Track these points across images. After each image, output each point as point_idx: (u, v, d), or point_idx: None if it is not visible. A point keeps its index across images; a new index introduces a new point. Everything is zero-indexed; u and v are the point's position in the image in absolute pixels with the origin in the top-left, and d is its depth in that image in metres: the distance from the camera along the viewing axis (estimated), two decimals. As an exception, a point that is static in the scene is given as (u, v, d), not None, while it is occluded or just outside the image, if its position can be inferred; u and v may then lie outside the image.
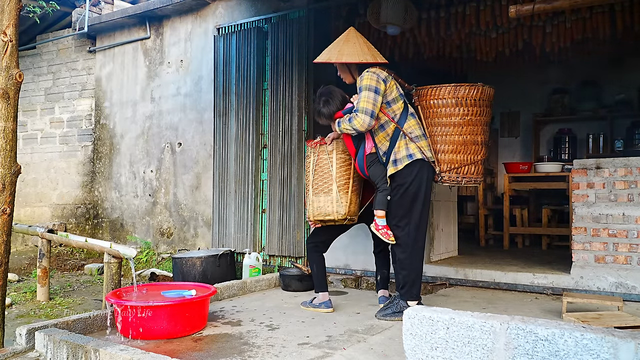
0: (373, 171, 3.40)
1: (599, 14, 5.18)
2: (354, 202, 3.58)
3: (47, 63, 7.84)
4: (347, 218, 3.54)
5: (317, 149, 3.62)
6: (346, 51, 3.33)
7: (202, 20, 6.33)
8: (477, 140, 3.38)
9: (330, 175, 3.55)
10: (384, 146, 3.34)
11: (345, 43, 3.38)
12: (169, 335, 3.14)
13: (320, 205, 3.55)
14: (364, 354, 2.68)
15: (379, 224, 3.34)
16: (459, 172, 3.35)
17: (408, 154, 3.27)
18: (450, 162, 3.34)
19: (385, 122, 3.30)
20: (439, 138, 3.36)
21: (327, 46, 3.53)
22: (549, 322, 1.71)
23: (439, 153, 3.36)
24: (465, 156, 3.35)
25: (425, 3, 5.55)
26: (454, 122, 3.32)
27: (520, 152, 8.15)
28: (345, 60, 3.32)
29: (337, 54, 3.36)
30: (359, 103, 3.22)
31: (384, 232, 3.32)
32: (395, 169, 3.28)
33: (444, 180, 3.39)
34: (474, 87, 3.35)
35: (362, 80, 3.25)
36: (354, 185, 3.58)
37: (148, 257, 6.43)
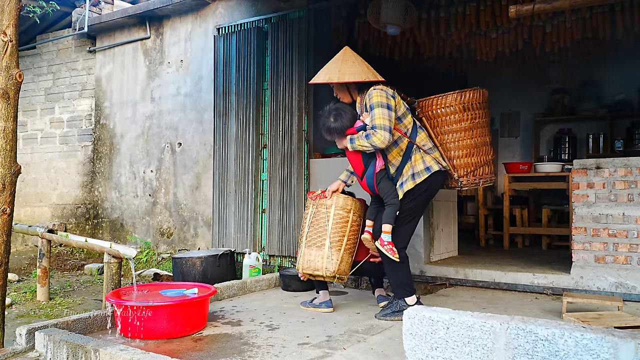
0: (383, 186, 3.33)
1: (599, 14, 5.18)
2: (345, 261, 3.51)
3: (47, 63, 7.84)
4: (336, 276, 3.46)
5: (317, 201, 3.56)
6: (347, 71, 3.31)
7: (202, 20, 6.33)
8: (487, 140, 3.50)
9: (325, 229, 3.48)
10: (397, 161, 3.32)
11: (343, 62, 3.36)
12: (169, 335, 3.14)
13: (311, 259, 3.48)
14: (364, 354, 2.68)
15: (384, 239, 3.28)
16: (476, 174, 3.43)
17: (426, 167, 3.30)
18: (466, 166, 3.42)
19: (398, 138, 3.29)
20: (452, 145, 3.41)
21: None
22: (549, 322, 1.71)
23: (454, 159, 3.42)
24: (479, 158, 3.44)
25: (425, 3, 5.56)
26: (464, 127, 3.39)
27: (520, 152, 8.15)
28: (348, 79, 3.30)
29: (338, 73, 3.32)
30: (375, 120, 3.18)
31: (389, 248, 3.26)
32: (414, 182, 3.28)
33: (463, 184, 3.45)
34: (477, 91, 3.44)
35: (372, 98, 3.24)
36: (347, 243, 3.50)
37: (148, 257, 6.43)
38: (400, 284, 3.34)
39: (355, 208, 3.56)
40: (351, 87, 3.40)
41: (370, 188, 3.39)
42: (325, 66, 3.44)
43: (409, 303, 3.30)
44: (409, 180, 3.28)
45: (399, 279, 3.34)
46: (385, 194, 3.31)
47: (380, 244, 3.27)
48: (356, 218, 3.56)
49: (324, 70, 3.42)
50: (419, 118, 3.46)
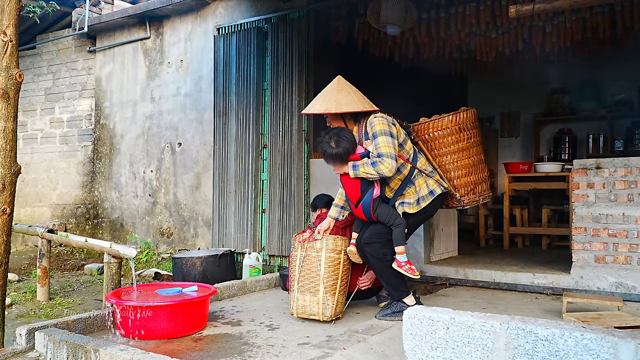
0: (380, 212, 3.29)
1: (599, 14, 5.18)
2: (341, 302, 3.47)
3: (47, 63, 7.84)
4: (333, 320, 3.41)
5: (305, 245, 3.42)
6: (343, 100, 3.28)
7: (202, 20, 6.34)
8: (482, 158, 3.58)
9: (317, 275, 3.36)
10: (396, 186, 3.33)
11: (339, 92, 3.32)
12: (169, 335, 3.14)
13: (306, 304, 3.41)
14: (364, 354, 2.68)
15: (400, 260, 3.27)
16: (476, 192, 3.50)
17: (430, 191, 3.34)
18: (466, 185, 3.48)
19: (401, 165, 3.29)
20: (451, 165, 3.45)
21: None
22: (549, 322, 1.71)
23: (454, 179, 3.46)
24: (477, 176, 3.51)
25: (425, 3, 5.55)
26: (462, 147, 3.44)
27: (520, 152, 8.15)
28: (345, 109, 3.26)
29: (335, 104, 3.28)
30: (380, 148, 3.15)
31: (408, 267, 3.26)
32: (419, 207, 3.32)
33: (465, 204, 3.50)
34: (469, 111, 3.49)
35: (374, 126, 3.23)
36: (341, 285, 3.43)
37: (148, 257, 6.43)
38: (393, 285, 3.36)
39: (345, 247, 3.45)
40: (346, 116, 3.39)
41: (366, 215, 3.33)
42: (319, 96, 3.41)
43: (408, 303, 3.30)
44: (413, 204, 3.32)
45: (390, 281, 3.36)
46: (385, 218, 3.29)
47: (397, 266, 3.27)
48: (347, 257, 3.46)
49: (318, 100, 3.38)
50: (415, 142, 3.48)
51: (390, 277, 3.33)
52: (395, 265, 3.27)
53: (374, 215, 3.30)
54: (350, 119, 3.39)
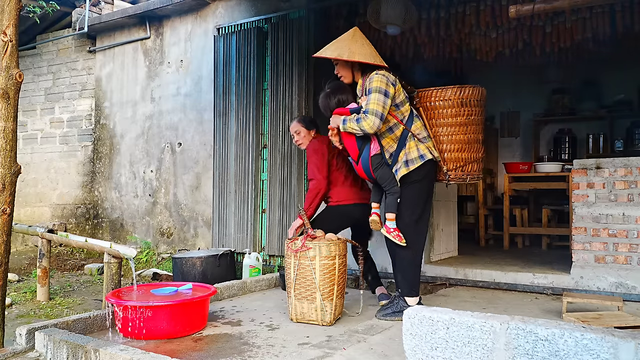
0: (381, 174, 3.32)
1: (599, 14, 5.18)
2: (339, 305, 3.45)
3: (47, 63, 7.84)
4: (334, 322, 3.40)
5: (298, 254, 3.35)
6: (357, 50, 3.29)
7: (202, 20, 6.33)
8: (479, 138, 3.53)
9: (313, 282, 3.32)
10: (392, 148, 3.32)
11: (353, 42, 3.33)
12: (169, 335, 3.14)
13: (304, 312, 3.39)
14: (364, 354, 2.68)
15: (389, 226, 3.31)
16: (464, 170, 3.46)
17: (420, 155, 3.30)
18: (456, 160, 3.44)
19: (394, 124, 3.29)
20: (445, 138, 3.43)
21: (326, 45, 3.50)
22: (549, 322, 1.71)
23: (445, 152, 3.43)
24: (470, 154, 3.47)
25: (425, 3, 5.55)
26: (460, 121, 3.42)
27: (520, 152, 8.15)
28: (357, 59, 3.27)
29: (348, 51, 3.29)
30: (369, 104, 3.18)
31: (396, 234, 3.28)
32: (407, 169, 3.28)
33: (450, 178, 3.46)
34: (476, 89, 3.47)
35: (372, 82, 3.22)
36: (338, 289, 3.39)
37: (148, 257, 6.43)
38: (409, 282, 3.34)
39: (339, 251, 3.41)
40: (355, 67, 3.39)
41: (366, 173, 3.36)
42: (332, 43, 3.41)
43: (409, 304, 3.29)
44: (402, 167, 3.29)
45: (409, 277, 3.35)
46: (384, 181, 3.32)
47: (386, 232, 3.29)
48: (342, 260, 3.43)
49: (331, 46, 3.38)
50: (416, 108, 3.47)
51: (411, 273, 3.34)
52: (384, 230, 3.30)
53: (373, 174, 3.32)
54: (359, 70, 3.39)
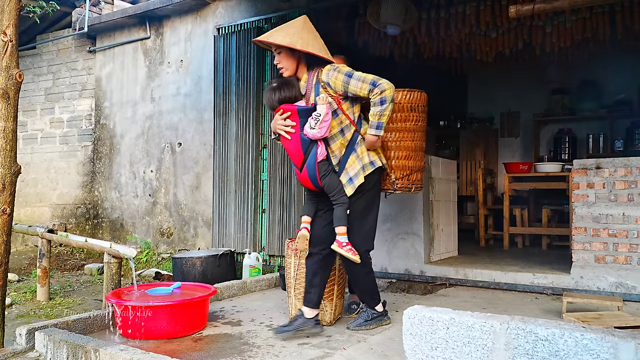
0: (329, 182, 3.00)
1: (599, 14, 5.18)
2: (340, 305, 3.44)
3: (47, 63, 7.84)
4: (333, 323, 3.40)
5: (298, 254, 3.34)
6: (310, 41, 2.98)
7: (202, 20, 6.33)
8: (423, 146, 3.37)
9: None
10: (340, 152, 3.03)
11: (304, 31, 3.00)
12: (169, 335, 3.14)
13: None
14: (364, 354, 2.68)
15: (341, 241, 3.00)
16: (410, 179, 3.26)
17: (370, 161, 3.05)
18: (403, 168, 3.23)
19: (346, 126, 3.02)
20: (393, 144, 3.20)
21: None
22: (549, 322, 1.71)
23: (393, 159, 3.20)
24: (415, 162, 3.27)
25: (425, 3, 5.55)
26: (408, 127, 3.23)
27: (520, 152, 8.15)
28: (311, 50, 2.96)
29: (301, 41, 2.95)
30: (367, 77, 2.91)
31: (349, 249, 2.99)
32: (364, 173, 3.03)
33: (398, 187, 3.24)
34: (423, 94, 3.29)
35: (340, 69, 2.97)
36: (338, 289, 3.38)
37: (148, 257, 6.43)
38: (369, 292, 3.18)
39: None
40: (303, 59, 3.05)
41: (312, 181, 3.01)
42: (279, 28, 3.05)
43: (378, 310, 3.18)
44: (359, 173, 3.01)
45: (366, 287, 3.17)
46: (332, 190, 3.00)
47: (338, 247, 2.99)
48: (341, 261, 3.38)
49: (281, 32, 3.00)
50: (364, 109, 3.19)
51: (368, 283, 3.16)
52: (336, 245, 2.99)
53: (320, 182, 2.99)
54: (305, 64, 3.07)
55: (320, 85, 3.01)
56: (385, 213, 4.77)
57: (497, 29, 5.85)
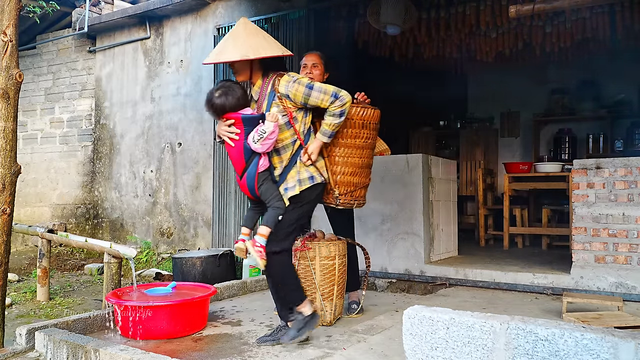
0: (265, 190, 2.91)
1: (599, 14, 5.19)
2: (340, 305, 3.44)
3: (47, 63, 7.84)
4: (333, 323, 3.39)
5: (298, 254, 3.33)
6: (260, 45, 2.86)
7: (202, 20, 6.33)
8: (370, 164, 3.31)
9: (312, 282, 3.31)
10: (284, 164, 2.95)
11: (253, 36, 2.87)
12: (169, 335, 3.14)
13: None
14: (364, 354, 2.68)
15: (257, 241, 2.88)
16: (354, 195, 3.18)
17: (310, 176, 2.95)
18: (348, 184, 3.14)
19: (292, 141, 2.92)
20: (341, 159, 3.11)
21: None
22: (549, 322, 1.71)
23: (338, 175, 3.11)
24: (361, 179, 3.21)
25: (425, 3, 5.56)
26: (358, 144, 3.14)
27: (520, 152, 8.15)
28: (264, 54, 2.83)
29: (252, 49, 2.82)
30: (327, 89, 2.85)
31: (259, 250, 2.86)
32: (300, 188, 2.92)
33: (340, 203, 3.14)
34: (376, 111, 3.23)
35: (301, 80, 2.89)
36: (338, 289, 3.37)
37: (148, 257, 6.43)
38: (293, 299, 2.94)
39: (339, 251, 3.38)
40: (256, 65, 2.94)
41: (250, 190, 2.94)
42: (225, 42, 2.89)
43: (306, 313, 2.90)
44: (296, 185, 2.92)
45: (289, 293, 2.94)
46: (268, 196, 2.92)
47: (252, 244, 2.87)
48: (341, 260, 3.41)
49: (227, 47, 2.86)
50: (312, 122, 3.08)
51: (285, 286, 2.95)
52: (249, 244, 2.88)
53: (257, 190, 2.91)
54: (259, 70, 2.96)
55: (276, 95, 2.91)
56: (385, 213, 4.78)
57: (497, 29, 5.86)
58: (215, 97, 2.88)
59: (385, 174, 4.78)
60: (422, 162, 4.66)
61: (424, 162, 4.71)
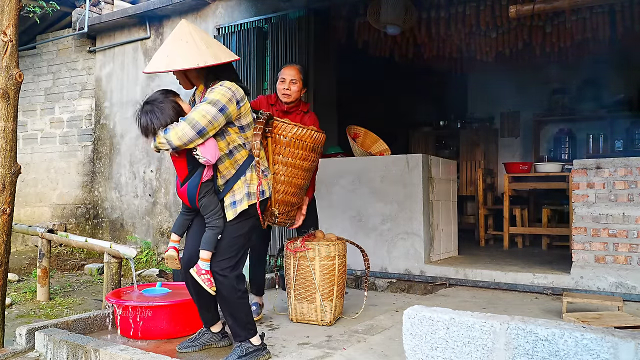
0: (207, 202, 2.69)
1: (599, 14, 5.19)
2: (339, 305, 3.46)
3: (47, 63, 7.84)
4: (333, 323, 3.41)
5: (297, 254, 3.34)
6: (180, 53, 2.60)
7: (202, 20, 6.33)
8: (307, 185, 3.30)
9: (312, 283, 3.33)
10: (229, 173, 2.71)
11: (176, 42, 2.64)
12: (169, 335, 3.14)
13: (304, 312, 3.40)
14: (364, 354, 2.68)
15: (202, 267, 2.64)
16: (289, 215, 3.15)
17: (261, 191, 2.74)
18: (286, 204, 3.09)
19: (234, 147, 2.68)
20: (285, 178, 3.04)
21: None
22: (549, 322, 1.71)
23: (280, 193, 3.02)
24: (298, 200, 3.19)
25: (425, 3, 5.56)
26: (305, 166, 3.08)
27: (520, 152, 8.15)
28: (179, 67, 2.61)
29: (167, 60, 2.60)
30: (192, 112, 2.55)
31: (207, 278, 2.63)
32: (249, 202, 2.70)
33: (277, 222, 3.05)
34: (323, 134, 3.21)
35: (212, 92, 2.59)
36: (338, 289, 3.39)
37: (148, 257, 6.43)
38: (243, 323, 2.70)
39: (339, 251, 3.40)
40: (191, 73, 2.73)
41: (190, 200, 2.72)
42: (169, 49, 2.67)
43: (254, 343, 2.71)
44: (244, 199, 2.69)
45: (240, 317, 2.70)
46: (208, 212, 2.70)
47: (196, 272, 2.63)
48: (341, 261, 3.43)
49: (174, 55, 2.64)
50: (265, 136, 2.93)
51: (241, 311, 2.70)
52: (194, 271, 2.64)
53: (198, 202, 2.70)
54: (197, 76, 2.74)
55: None
56: (385, 213, 4.78)
57: (497, 29, 5.86)
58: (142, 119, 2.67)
59: (385, 174, 4.78)
60: (422, 162, 4.66)
61: (424, 162, 4.71)
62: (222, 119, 2.57)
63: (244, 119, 2.69)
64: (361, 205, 4.90)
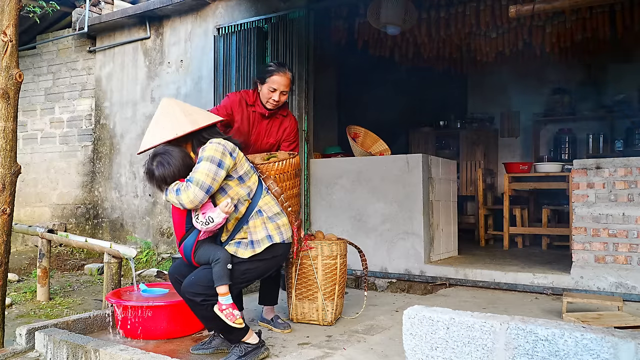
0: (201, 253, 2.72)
1: (599, 14, 5.19)
2: (340, 305, 3.46)
3: (47, 63, 7.84)
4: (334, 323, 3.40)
5: (300, 254, 3.32)
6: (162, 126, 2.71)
7: (202, 20, 6.33)
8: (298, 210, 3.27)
9: (314, 282, 3.33)
10: (230, 225, 2.78)
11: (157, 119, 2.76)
12: (169, 335, 3.14)
13: (305, 311, 3.40)
14: (364, 354, 2.68)
15: (222, 302, 2.61)
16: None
17: (267, 235, 2.75)
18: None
19: (238, 201, 2.73)
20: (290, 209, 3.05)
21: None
22: (549, 322, 1.71)
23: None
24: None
25: (425, 3, 5.56)
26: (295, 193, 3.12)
27: (520, 152, 8.15)
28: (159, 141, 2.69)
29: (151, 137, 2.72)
30: (195, 173, 2.60)
31: (229, 312, 2.60)
32: (253, 251, 2.72)
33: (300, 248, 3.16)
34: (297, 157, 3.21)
35: (205, 150, 2.64)
36: (339, 289, 3.40)
37: (148, 257, 6.43)
38: (228, 328, 2.66)
39: (340, 251, 3.40)
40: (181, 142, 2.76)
41: (186, 257, 2.78)
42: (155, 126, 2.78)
43: (252, 342, 2.73)
44: (247, 246, 2.73)
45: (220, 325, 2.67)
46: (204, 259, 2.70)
47: (218, 309, 2.61)
48: (342, 260, 3.43)
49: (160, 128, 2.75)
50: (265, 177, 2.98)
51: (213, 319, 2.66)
52: (216, 308, 2.61)
53: (194, 260, 2.74)
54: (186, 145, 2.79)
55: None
56: (385, 213, 4.78)
57: (497, 29, 5.86)
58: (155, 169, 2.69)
59: (385, 174, 4.78)
60: (422, 162, 4.66)
61: (424, 162, 4.71)
62: (222, 172, 2.64)
63: (240, 169, 2.74)
64: (361, 205, 4.90)
